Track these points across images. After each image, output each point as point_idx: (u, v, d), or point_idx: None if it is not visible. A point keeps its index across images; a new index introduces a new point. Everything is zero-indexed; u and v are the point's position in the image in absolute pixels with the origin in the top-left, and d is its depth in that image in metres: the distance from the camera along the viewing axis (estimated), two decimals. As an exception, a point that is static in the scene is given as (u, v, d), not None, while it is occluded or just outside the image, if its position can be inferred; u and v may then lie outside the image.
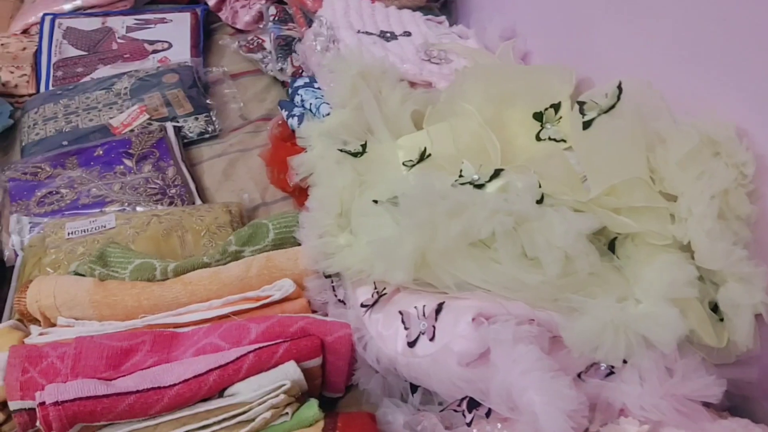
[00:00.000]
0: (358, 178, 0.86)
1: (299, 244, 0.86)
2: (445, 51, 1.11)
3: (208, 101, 1.34)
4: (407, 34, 1.16)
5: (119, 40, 1.51)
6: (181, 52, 1.49)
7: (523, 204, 0.64)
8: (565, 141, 0.89)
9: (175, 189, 1.13)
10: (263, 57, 1.42)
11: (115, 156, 1.18)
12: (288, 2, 1.38)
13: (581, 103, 0.71)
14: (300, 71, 1.29)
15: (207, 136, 1.29)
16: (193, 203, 1.12)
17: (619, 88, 0.69)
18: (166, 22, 1.56)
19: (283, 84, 1.42)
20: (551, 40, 1.04)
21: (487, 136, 0.85)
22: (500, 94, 0.90)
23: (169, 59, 1.48)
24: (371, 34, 1.14)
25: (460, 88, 0.91)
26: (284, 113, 1.19)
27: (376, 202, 0.79)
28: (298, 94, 1.18)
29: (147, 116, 1.28)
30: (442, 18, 1.25)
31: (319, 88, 1.18)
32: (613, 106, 0.69)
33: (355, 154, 0.88)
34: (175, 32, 1.54)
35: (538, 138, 0.90)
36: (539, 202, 0.68)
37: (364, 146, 0.89)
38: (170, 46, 1.51)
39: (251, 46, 1.45)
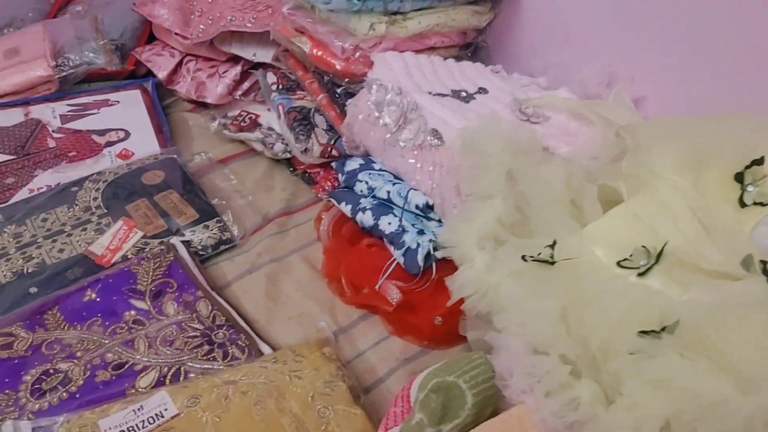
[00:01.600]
0: (566, 297, 0.62)
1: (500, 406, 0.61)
2: (539, 107, 0.91)
3: (213, 201, 1.03)
4: (483, 90, 0.94)
5: (56, 135, 1.14)
6: (144, 141, 1.16)
7: None
8: (774, 204, 0.72)
9: (222, 332, 0.82)
10: (264, 137, 1.13)
11: (118, 298, 0.84)
12: (290, 66, 1.11)
13: None
14: (329, 150, 1.03)
15: (224, 248, 0.98)
16: (258, 350, 0.81)
17: None
18: (111, 105, 1.22)
19: (290, 164, 1.14)
20: (675, 78, 0.87)
21: (716, 218, 0.65)
22: (694, 155, 0.71)
23: (131, 152, 1.14)
24: (444, 95, 0.91)
25: (646, 153, 0.70)
26: (346, 207, 0.92)
27: (645, 333, 0.56)
28: (359, 181, 0.92)
29: (140, 233, 0.94)
30: (499, 67, 1.04)
31: (382, 170, 0.93)
32: None
33: (550, 262, 0.64)
34: (128, 116, 1.20)
35: (741, 203, 0.72)
36: None
37: (553, 247, 0.65)
38: (127, 134, 1.17)
39: (242, 124, 1.15)
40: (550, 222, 0.68)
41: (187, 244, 0.94)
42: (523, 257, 0.65)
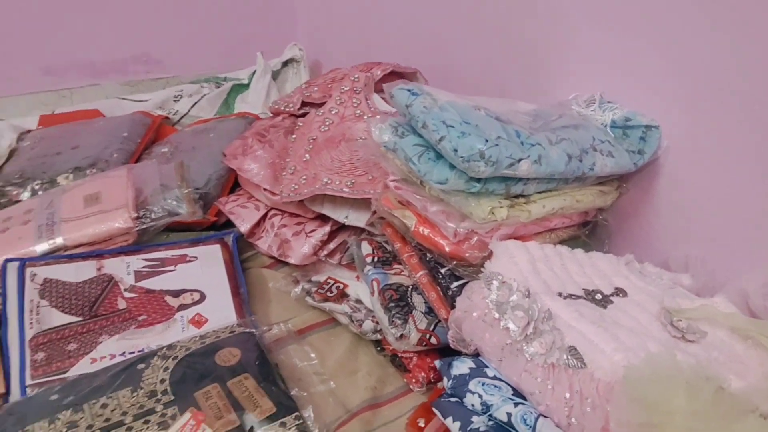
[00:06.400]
0: None
1: None
2: (695, 320, 0.76)
3: (293, 391, 0.90)
4: (620, 292, 0.81)
5: (127, 294, 1.05)
6: (220, 306, 1.05)
7: None
8: None
9: None
10: (352, 311, 1.01)
11: None
12: (387, 235, 1.00)
13: None
14: (427, 337, 0.90)
15: (304, 453, 0.83)
16: None
17: None
18: (189, 261, 1.13)
19: (377, 341, 1.01)
20: None
21: None
22: None
23: (204, 318, 1.03)
24: (577, 296, 0.78)
25: None
26: (454, 425, 0.76)
27: None
28: (471, 392, 0.77)
29: (209, 431, 0.81)
30: (631, 257, 0.91)
31: (497, 378, 0.78)
32: None
33: None
34: (205, 275, 1.10)
35: None
36: None
37: None
38: (202, 297, 1.07)
39: (329, 294, 1.04)
40: None
41: (262, 448, 0.80)
42: None
